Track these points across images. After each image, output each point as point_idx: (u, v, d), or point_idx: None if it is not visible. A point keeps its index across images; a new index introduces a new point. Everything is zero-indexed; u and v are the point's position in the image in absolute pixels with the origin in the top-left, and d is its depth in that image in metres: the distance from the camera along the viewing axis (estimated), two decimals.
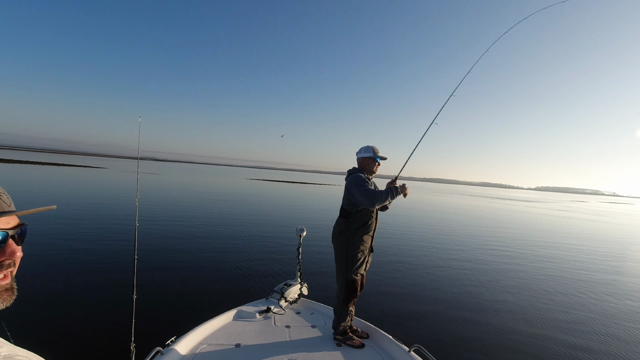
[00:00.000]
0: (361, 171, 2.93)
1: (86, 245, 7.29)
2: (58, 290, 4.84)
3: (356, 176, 2.83)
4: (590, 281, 7.75)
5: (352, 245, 2.80)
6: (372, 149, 2.96)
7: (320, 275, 6.27)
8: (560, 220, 24.03)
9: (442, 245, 10.79)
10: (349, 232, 2.81)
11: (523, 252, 10.77)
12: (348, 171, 3.04)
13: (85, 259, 6.38)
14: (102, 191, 19.29)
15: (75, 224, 9.46)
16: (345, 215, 2.87)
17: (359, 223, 2.82)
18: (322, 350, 2.69)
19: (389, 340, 2.78)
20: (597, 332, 4.87)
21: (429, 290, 6.09)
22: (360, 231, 2.82)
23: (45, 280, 5.18)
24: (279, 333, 2.88)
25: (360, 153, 3.00)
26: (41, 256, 6.31)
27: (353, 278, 2.83)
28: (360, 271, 2.87)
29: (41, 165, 44.51)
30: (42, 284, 5.01)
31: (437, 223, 16.66)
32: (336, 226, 2.96)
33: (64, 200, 14.35)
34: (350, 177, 2.89)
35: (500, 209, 30.86)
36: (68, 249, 6.98)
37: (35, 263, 5.90)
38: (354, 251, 2.80)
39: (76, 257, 6.42)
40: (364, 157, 2.98)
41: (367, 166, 2.96)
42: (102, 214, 11.46)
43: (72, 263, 6.10)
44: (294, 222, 13.18)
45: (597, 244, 13.96)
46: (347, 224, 2.83)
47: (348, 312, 2.88)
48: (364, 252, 2.87)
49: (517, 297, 6.16)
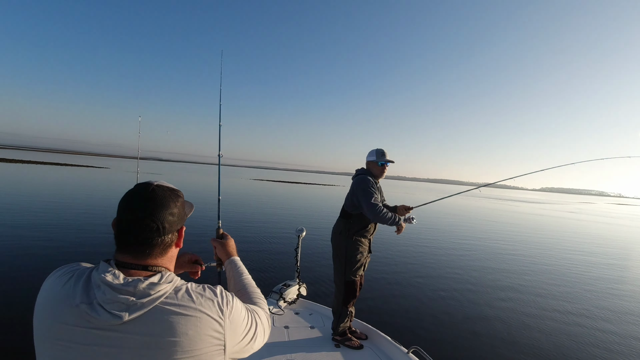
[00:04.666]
0: (368, 173, 2.91)
1: (86, 248, 7.33)
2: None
3: (364, 180, 2.79)
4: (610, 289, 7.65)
5: (351, 247, 2.79)
6: (377, 153, 2.93)
7: (319, 276, 6.25)
8: (577, 223, 23.63)
9: (444, 247, 10.74)
10: (349, 234, 2.80)
11: (521, 252, 10.68)
12: (356, 171, 3.03)
13: (84, 259, 6.40)
14: (102, 192, 19.42)
15: (74, 224, 9.52)
16: (346, 216, 2.86)
17: (359, 225, 2.81)
18: (321, 350, 2.68)
19: (388, 342, 2.77)
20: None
21: (428, 291, 6.06)
22: (360, 233, 2.81)
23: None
24: (278, 333, 2.87)
25: (367, 156, 3.01)
26: (33, 257, 6.35)
27: (352, 279, 2.82)
28: (359, 272, 2.86)
29: (44, 165, 44.90)
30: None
31: (440, 225, 16.58)
32: (336, 227, 2.95)
33: (64, 200, 14.45)
34: (357, 180, 2.85)
35: (510, 211, 30.66)
36: (68, 249, 7.02)
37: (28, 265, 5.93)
38: (353, 252, 2.79)
39: (76, 258, 6.47)
40: (369, 161, 2.97)
41: (373, 170, 2.95)
42: (103, 215, 11.53)
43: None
44: (294, 222, 13.17)
45: (627, 248, 13.57)
46: (347, 225, 2.82)
47: (347, 313, 2.86)
48: (363, 253, 2.85)
49: (519, 298, 6.11)
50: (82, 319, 0.67)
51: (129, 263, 0.75)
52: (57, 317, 0.68)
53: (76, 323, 0.67)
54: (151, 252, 0.77)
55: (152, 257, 0.77)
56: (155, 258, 0.78)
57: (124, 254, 0.76)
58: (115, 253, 0.78)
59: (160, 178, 0.85)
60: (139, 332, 0.67)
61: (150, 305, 0.69)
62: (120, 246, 0.77)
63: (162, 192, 0.79)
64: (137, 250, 0.76)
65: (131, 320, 0.67)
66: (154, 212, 0.76)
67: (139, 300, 0.68)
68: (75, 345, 0.67)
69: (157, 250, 0.77)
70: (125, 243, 0.76)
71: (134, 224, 0.75)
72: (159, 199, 0.77)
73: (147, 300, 0.69)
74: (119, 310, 0.67)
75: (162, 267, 0.78)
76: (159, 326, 0.68)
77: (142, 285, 0.70)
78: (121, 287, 0.69)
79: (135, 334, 0.67)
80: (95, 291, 0.69)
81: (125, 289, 0.69)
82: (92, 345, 0.67)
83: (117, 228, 0.77)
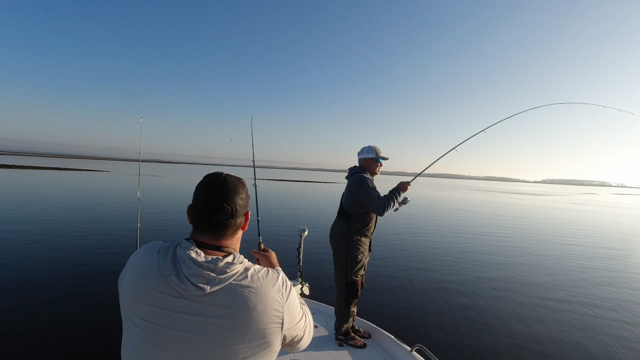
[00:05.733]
0: (364, 171, 2.88)
1: (87, 249, 7.35)
2: (57, 293, 4.88)
3: (361, 179, 2.76)
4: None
5: (352, 247, 2.76)
6: (375, 150, 2.90)
7: (321, 276, 6.26)
8: (587, 215, 23.53)
9: (448, 243, 10.70)
10: (349, 234, 2.77)
11: (527, 248, 10.66)
12: (349, 170, 2.99)
13: (83, 261, 6.42)
14: (103, 193, 19.47)
15: (75, 227, 9.55)
16: (346, 216, 2.82)
17: (360, 225, 2.78)
18: (325, 350, 2.68)
19: (391, 340, 2.76)
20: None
21: (431, 289, 6.04)
22: (361, 232, 2.78)
23: (42, 283, 5.21)
24: None
25: (363, 153, 2.95)
26: (36, 259, 6.37)
27: (354, 280, 2.80)
28: (360, 272, 2.85)
29: (43, 170, 44.99)
30: (38, 286, 5.05)
31: (446, 220, 16.56)
32: (335, 228, 2.91)
33: (67, 203, 14.49)
34: (353, 179, 2.82)
35: (514, 204, 30.63)
36: (67, 249, 7.05)
37: (30, 266, 5.96)
38: (354, 253, 2.77)
39: (74, 258, 6.48)
40: (366, 158, 2.93)
41: (370, 167, 2.92)
42: (103, 216, 11.56)
43: (70, 264, 6.14)
44: (295, 221, 13.18)
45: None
46: (347, 225, 2.79)
47: (350, 313, 2.86)
48: (364, 253, 2.84)
49: (523, 296, 6.08)
50: (171, 288, 0.78)
51: (206, 243, 0.86)
52: (149, 285, 0.80)
53: (166, 291, 0.79)
54: (225, 233, 0.88)
55: (225, 237, 0.89)
56: (228, 239, 0.89)
57: (201, 234, 0.88)
58: (193, 233, 0.89)
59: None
60: (218, 304, 0.78)
61: (227, 282, 0.80)
62: (198, 227, 0.88)
63: (232, 180, 0.90)
64: (213, 232, 0.87)
65: (212, 293, 0.78)
66: (229, 197, 0.87)
67: (218, 276, 0.79)
68: (165, 310, 0.78)
69: (230, 231, 0.89)
70: (202, 224, 0.87)
71: (212, 208, 0.85)
72: (231, 185, 0.89)
73: (225, 276, 0.80)
74: (203, 284, 0.78)
75: (232, 248, 0.90)
76: (235, 300, 0.79)
77: (221, 263, 0.81)
78: (204, 264, 0.80)
79: (215, 305, 0.78)
80: (181, 265, 0.80)
81: (207, 265, 0.80)
82: (179, 312, 0.78)
83: (195, 211, 0.88)
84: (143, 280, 0.81)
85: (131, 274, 0.84)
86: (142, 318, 0.79)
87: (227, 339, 0.78)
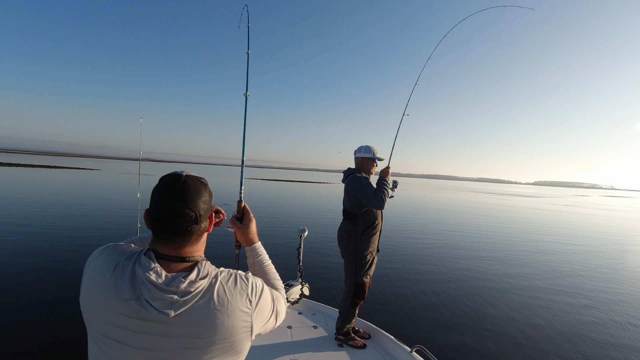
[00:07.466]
0: (358, 171, 2.88)
1: (87, 249, 7.28)
2: (56, 293, 4.83)
3: (356, 180, 2.76)
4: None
5: (361, 248, 2.76)
6: (372, 150, 2.91)
7: (321, 276, 6.26)
8: (577, 218, 23.79)
9: (447, 244, 10.76)
10: (357, 235, 2.77)
11: (525, 249, 10.76)
12: (344, 172, 2.99)
13: (83, 261, 6.34)
14: (103, 193, 19.24)
15: (71, 225, 9.45)
16: (351, 217, 2.82)
17: (366, 224, 2.78)
18: (325, 350, 2.69)
19: (391, 341, 2.77)
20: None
21: (431, 290, 6.07)
22: (368, 232, 2.78)
23: (38, 283, 5.16)
24: (281, 333, 2.88)
25: (360, 153, 2.94)
26: (32, 257, 6.29)
27: (363, 281, 2.80)
28: (370, 273, 2.84)
29: (33, 168, 44.33)
30: (35, 286, 5.00)
31: (442, 222, 16.65)
32: (342, 229, 2.90)
33: (62, 202, 14.30)
34: (349, 180, 2.83)
35: (509, 206, 30.82)
36: (68, 249, 6.97)
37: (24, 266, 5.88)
38: (363, 253, 2.77)
39: (75, 259, 6.40)
40: (363, 158, 2.92)
41: (366, 167, 2.92)
42: (104, 216, 11.44)
43: (71, 265, 6.07)
44: (295, 222, 13.16)
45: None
46: (353, 226, 2.78)
47: (354, 314, 2.87)
48: (372, 253, 2.84)
49: (522, 298, 6.12)
50: (133, 311, 0.74)
51: (168, 255, 0.79)
52: (109, 307, 0.75)
53: (127, 314, 0.75)
54: (189, 240, 0.81)
55: (190, 244, 0.82)
56: (192, 245, 0.82)
57: (163, 245, 0.80)
58: (153, 242, 0.82)
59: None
60: (183, 324, 0.75)
61: (191, 303, 0.75)
62: (159, 236, 0.80)
63: (193, 182, 0.82)
64: (175, 240, 0.80)
65: (176, 315, 0.75)
66: (190, 201, 0.79)
67: (182, 299, 0.75)
68: (127, 331, 0.75)
69: (194, 237, 0.82)
70: (163, 233, 0.80)
71: (172, 214, 0.78)
72: (192, 188, 0.81)
73: (188, 297, 0.75)
74: (166, 309, 0.74)
75: (197, 254, 0.83)
76: (200, 320, 0.76)
77: (183, 285, 0.76)
78: (165, 287, 0.74)
79: (179, 325, 0.75)
80: (141, 287, 0.74)
81: (169, 289, 0.75)
82: (142, 333, 0.75)
83: (153, 218, 0.80)
84: (101, 302, 0.76)
85: (88, 294, 0.78)
86: (106, 335, 0.76)
87: (193, 355, 0.76)
